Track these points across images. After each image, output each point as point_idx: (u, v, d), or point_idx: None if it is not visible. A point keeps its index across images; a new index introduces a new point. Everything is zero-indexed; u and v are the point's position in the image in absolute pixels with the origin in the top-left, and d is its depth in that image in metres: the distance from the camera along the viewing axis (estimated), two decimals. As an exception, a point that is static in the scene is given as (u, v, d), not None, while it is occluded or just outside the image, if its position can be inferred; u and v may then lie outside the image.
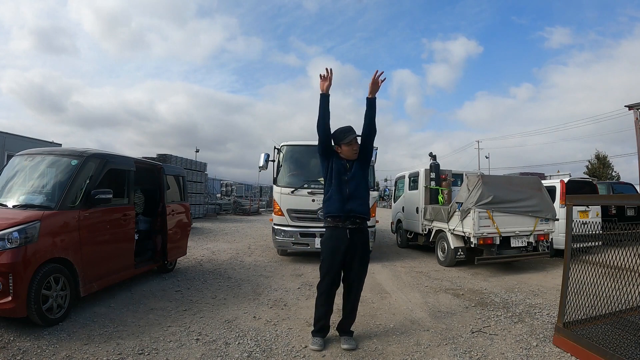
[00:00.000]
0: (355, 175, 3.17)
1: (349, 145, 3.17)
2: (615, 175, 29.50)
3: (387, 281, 5.68)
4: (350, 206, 3.11)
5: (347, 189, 3.13)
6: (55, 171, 4.04)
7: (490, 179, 7.06)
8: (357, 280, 3.24)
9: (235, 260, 7.26)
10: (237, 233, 12.39)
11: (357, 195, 3.14)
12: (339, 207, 3.12)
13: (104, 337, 3.24)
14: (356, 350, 3.08)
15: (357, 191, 3.15)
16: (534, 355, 2.99)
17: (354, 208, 3.11)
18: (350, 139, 3.16)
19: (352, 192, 3.12)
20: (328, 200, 3.19)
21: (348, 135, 3.17)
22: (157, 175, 5.58)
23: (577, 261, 3.06)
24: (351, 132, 3.19)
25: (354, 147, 3.19)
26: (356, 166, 3.20)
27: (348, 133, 3.18)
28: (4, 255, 3.12)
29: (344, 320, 3.27)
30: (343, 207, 3.11)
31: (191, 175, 14.57)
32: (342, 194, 3.12)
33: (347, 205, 3.11)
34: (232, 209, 22.68)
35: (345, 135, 3.17)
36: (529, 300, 4.64)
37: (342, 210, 3.11)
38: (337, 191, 3.13)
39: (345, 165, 3.20)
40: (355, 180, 3.16)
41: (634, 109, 19.67)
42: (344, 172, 3.17)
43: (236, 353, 2.99)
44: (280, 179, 7.23)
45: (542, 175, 14.65)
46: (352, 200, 3.12)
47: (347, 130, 3.20)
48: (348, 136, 3.17)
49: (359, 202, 3.14)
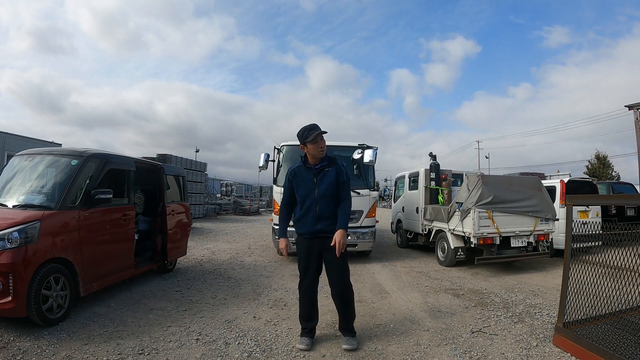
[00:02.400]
0: (325, 193, 3.07)
1: (314, 143, 3.03)
2: (615, 175, 29.53)
3: (387, 281, 5.68)
4: (321, 226, 3.07)
5: (316, 207, 3.07)
6: (55, 171, 4.04)
7: (490, 179, 7.06)
8: (338, 275, 3.14)
9: (235, 260, 7.27)
10: (237, 233, 12.39)
11: (327, 215, 3.06)
12: (309, 230, 3.11)
13: (104, 337, 3.24)
14: (357, 350, 3.07)
15: (327, 210, 3.07)
16: (534, 355, 2.99)
17: (324, 228, 3.07)
18: (315, 135, 3.01)
19: (321, 212, 3.06)
20: (297, 221, 3.18)
21: (312, 132, 3.02)
22: (157, 175, 5.58)
23: (577, 261, 3.06)
24: (315, 129, 3.04)
25: (320, 145, 3.06)
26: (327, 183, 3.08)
27: (312, 130, 3.03)
28: (4, 255, 3.12)
29: (340, 318, 3.23)
30: (313, 227, 3.09)
31: (191, 175, 14.57)
32: (312, 214, 3.08)
33: (317, 226, 3.08)
34: (232, 209, 22.69)
35: (310, 133, 3.02)
36: (529, 300, 4.64)
37: (311, 232, 3.10)
38: (306, 212, 3.10)
39: (312, 180, 3.09)
40: (325, 198, 3.07)
41: (634, 109, 19.68)
42: (312, 189, 3.08)
43: (236, 353, 2.99)
44: (280, 179, 7.22)
45: (542, 175, 14.66)
46: (322, 220, 3.07)
47: (311, 127, 3.06)
48: (312, 133, 3.02)
49: (329, 221, 3.07)
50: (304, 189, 3.12)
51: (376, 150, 7.11)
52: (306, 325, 3.21)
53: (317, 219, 3.07)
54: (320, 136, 3.07)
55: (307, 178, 3.12)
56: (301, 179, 3.13)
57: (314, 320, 3.24)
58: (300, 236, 3.20)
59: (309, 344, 3.11)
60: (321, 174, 3.10)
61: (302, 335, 3.20)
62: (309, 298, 3.20)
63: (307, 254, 3.15)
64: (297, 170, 3.18)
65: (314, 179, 3.10)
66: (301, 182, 3.14)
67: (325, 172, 3.11)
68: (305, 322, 3.21)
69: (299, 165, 3.19)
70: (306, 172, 3.14)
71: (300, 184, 3.14)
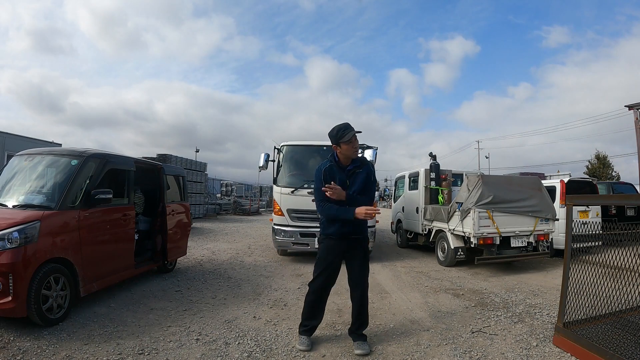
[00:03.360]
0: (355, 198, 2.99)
1: (348, 143, 2.95)
2: (615, 175, 29.53)
3: (387, 281, 5.68)
4: (349, 228, 3.03)
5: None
6: (55, 171, 4.04)
7: (490, 179, 7.06)
8: (360, 279, 3.15)
9: (235, 260, 7.26)
10: (237, 233, 12.39)
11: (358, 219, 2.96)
12: (338, 231, 3.04)
13: (104, 337, 3.24)
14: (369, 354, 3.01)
15: None
16: (534, 355, 2.99)
17: (353, 230, 3.05)
18: (350, 136, 2.94)
19: None
20: (326, 222, 3.08)
21: (347, 132, 2.94)
22: (157, 175, 5.58)
23: (577, 261, 3.05)
24: (350, 129, 2.96)
25: (355, 145, 2.99)
26: (359, 183, 3.04)
27: (347, 130, 2.95)
28: (4, 255, 3.12)
29: (355, 322, 3.18)
30: (342, 229, 3.03)
31: (191, 175, 14.56)
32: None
33: (346, 228, 3.03)
34: (232, 209, 22.67)
35: (344, 133, 2.94)
36: (529, 300, 4.64)
37: (341, 233, 3.05)
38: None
39: (345, 182, 3.03)
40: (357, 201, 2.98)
41: (634, 109, 19.69)
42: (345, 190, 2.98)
43: (236, 353, 2.99)
44: (280, 179, 7.23)
45: (542, 175, 14.66)
46: (351, 222, 2.99)
47: (345, 127, 2.98)
48: (347, 133, 2.94)
49: (357, 222, 3.00)
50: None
51: (376, 150, 7.11)
52: (308, 322, 3.18)
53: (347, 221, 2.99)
54: (355, 136, 2.98)
55: (340, 179, 3.03)
56: (334, 179, 3.01)
57: (317, 320, 3.21)
58: (328, 237, 3.12)
59: (308, 344, 3.10)
60: (354, 176, 3.05)
61: (301, 334, 3.18)
62: (318, 297, 3.15)
63: (331, 254, 3.10)
64: (330, 170, 3.05)
65: (347, 181, 3.03)
66: (334, 182, 3.01)
67: (357, 174, 3.06)
68: (308, 319, 3.18)
69: (330, 164, 3.07)
70: (339, 172, 3.05)
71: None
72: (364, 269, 3.19)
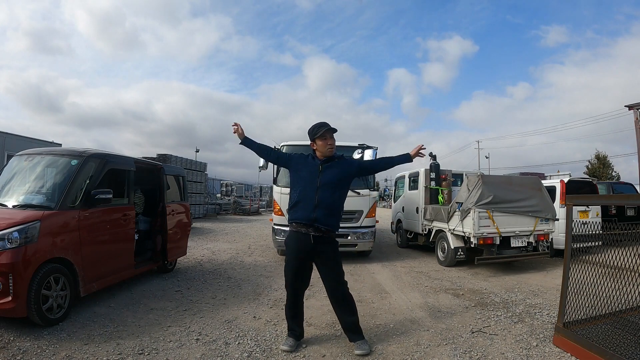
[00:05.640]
0: (329, 182, 2.98)
1: (322, 139, 3.03)
2: (615, 175, 29.53)
3: (387, 281, 5.68)
4: (317, 214, 2.93)
5: (315, 195, 2.95)
6: (55, 171, 4.04)
7: (490, 179, 7.06)
8: (334, 281, 3.06)
9: (235, 260, 7.26)
10: (237, 233, 12.39)
11: (325, 204, 2.95)
12: (304, 216, 2.96)
13: (104, 337, 3.24)
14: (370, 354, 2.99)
15: (327, 199, 2.95)
16: (534, 355, 2.99)
17: (319, 217, 2.93)
18: (323, 132, 3.01)
19: (320, 200, 2.94)
20: (294, 206, 3.05)
21: (321, 129, 3.02)
22: (157, 175, 5.58)
23: (577, 261, 3.06)
24: (324, 126, 3.04)
25: (329, 142, 3.04)
26: (333, 173, 3.02)
27: (321, 128, 3.03)
28: (4, 255, 3.12)
29: (340, 318, 3.14)
30: (309, 214, 2.94)
31: (191, 175, 14.56)
32: (310, 201, 2.95)
33: (314, 213, 2.93)
34: (232, 209, 22.67)
35: (319, 130, 3.03)
36: (529, 300, 4.64)
37: (307, 218, 2.95)
38: (303, 198, 2.98)
39: (318, 167, 3.03)
40: (329, 188, 2.98)
41: (634, 108, 19.69)
42: (315, 176, 3.00)
43: (236, 353, 2.99)
44: (280, 178, 7.23)
45: (542, 175, 14.65)
46: (320, 209, 2.94)
47: (321, 125, 3.06)
48: (321, 130, 3.02)
49: (326, 212, 2.95)
50: (306, 173, 3.04)
51: (376, 150, 7.09)
52: (290, 322, 3.17)
53: (315, 207, 2.94)
54: (330, 133, 3.05)
55: (313, 164, 3.07)
56: (306, 164, 3.08)
57: (298, 318, 3.17)
58: (292, 228, 3.06)
59: (292, 345, 3.07)
60: (327, 164, 3.06)
61: (288, 335, 3.17)
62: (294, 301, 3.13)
63: (296, 255, 3.04)
64: (305, 157, 3.14)
65: (320, 167, 3.04)
66: (305, 166, 3.08)
67: (331, 164, 3.07)
68: (289, 319, 3.17)
69: (308, 155, 3.16)
70: (311, 163, 3.09)
71: (303, 168, 3.08)
72: (336, 271, 3.06)
